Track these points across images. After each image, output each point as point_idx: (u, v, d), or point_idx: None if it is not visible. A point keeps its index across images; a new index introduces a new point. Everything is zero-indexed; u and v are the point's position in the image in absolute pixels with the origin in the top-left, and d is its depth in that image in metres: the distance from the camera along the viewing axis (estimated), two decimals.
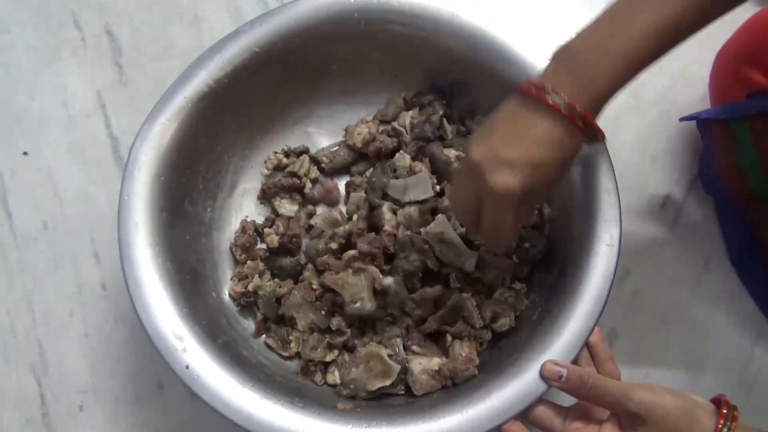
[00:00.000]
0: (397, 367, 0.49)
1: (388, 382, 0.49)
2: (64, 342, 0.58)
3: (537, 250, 0.53)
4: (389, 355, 0.50)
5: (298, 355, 0.53)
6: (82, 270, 0.60)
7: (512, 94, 0.41)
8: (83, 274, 0.60)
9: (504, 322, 0.52)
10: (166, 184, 0.50)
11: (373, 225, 0.55)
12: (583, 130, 0.39)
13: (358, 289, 0.50)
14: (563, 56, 0.40)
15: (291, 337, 0.53)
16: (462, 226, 0.52)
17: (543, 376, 0.43)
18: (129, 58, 0.67)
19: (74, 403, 0.56)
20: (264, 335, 0.54)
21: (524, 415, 0.43)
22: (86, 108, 0.65)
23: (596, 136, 0.40)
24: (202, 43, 0.66)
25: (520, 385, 0.43)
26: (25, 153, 0.64)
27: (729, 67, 0.57)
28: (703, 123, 0.57)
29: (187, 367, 0.44)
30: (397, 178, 0.56)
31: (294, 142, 0.61)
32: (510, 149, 0.38)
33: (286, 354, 0.53)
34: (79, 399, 0.56)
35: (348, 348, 0.53)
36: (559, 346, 0.44)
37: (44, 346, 0.58)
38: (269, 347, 0.54)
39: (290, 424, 0.43)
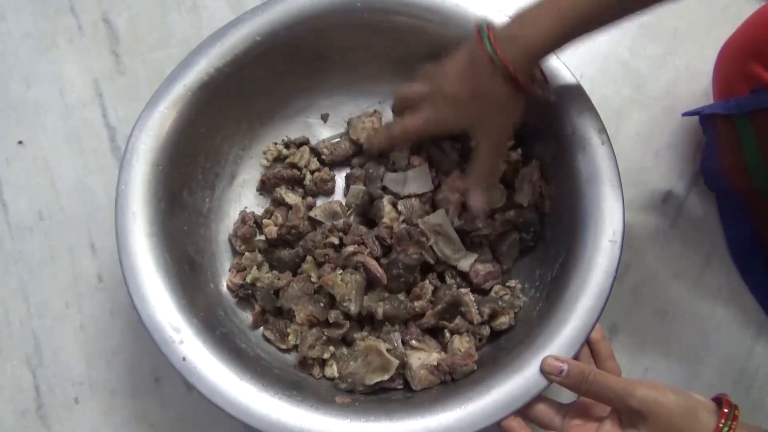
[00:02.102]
0: (396, 362, 0.49)
1: (386, 377, 0.49)
2: (60, 334, 0.57)
3: (532, 235, 0.54)
4: (388, 350, 0.49)
5: (296, 347, 0.53)
6: (78, 261, 0.59)
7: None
8: (79, 265, 0.59)
9: (504, 321, 0.51)
10: (164, 174, 0.50)
11: (370, 219, 0.55)
12: (507, 78, 0.45)
13: (346, 291, 0.50)
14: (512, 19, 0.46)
15: (289, 330, 0.53)
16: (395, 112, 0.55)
17: (543, 371, 0.43)
18: (126, 46, 0.66)
19: (70, 396, 0.56)
20: (261, 327, 0.54)
21: (524, 413, 0.43)
22: (83, 97, 0.64)
23: (520, 86, 0.46)
24: (200, 31, 0.66)
25: (519, 380, 0.43)
26: (20, 142, 0.63)
27: (733, 62, 0.56)
28: (706, 118, 0.57)
29: (184, 359, 0.44)
30: (395, 171, 0.55)
31: (295, 132, 0.60)
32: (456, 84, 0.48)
33: (284, 347, 0.53)
34: (75, 391, 0.56)
35: (346, 342, 0.52)
36: (560, 341, 0.44)
37: (39, 337, 0.57)
38: (267, 340, 0.53)
39: (288, 418, 0.43)
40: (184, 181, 0.53)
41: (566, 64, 0.52)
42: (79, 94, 0.64)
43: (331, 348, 0.51)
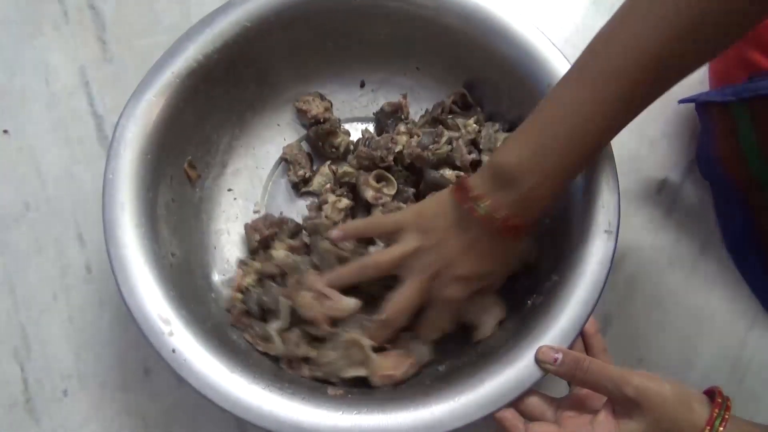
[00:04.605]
0: (375, 359, 0.47)
1: (363, 373, 0.47)
2: (48, 326, 0.57)
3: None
4: (372, 348, 0.48)
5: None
6: (65, 252, 0.58)
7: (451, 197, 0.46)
8: (67, 256, 0.58)
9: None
10: (152, 163, 0.49)
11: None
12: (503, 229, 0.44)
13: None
14: (500, 173, 0.43)
15: (272, 332, 0.49)
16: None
17: (538, 360, 0.43)
18: (113, 33, 0.65)
19: (58, 389, 0.55)
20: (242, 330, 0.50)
21: (516, 407, 0.43)
22: (69, 85, 0.63)
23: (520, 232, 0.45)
24: (189, 18, 0.64)
25: (513, 372, 0.43)
26: (5, 131, 0.62)
27: (731, 48, 0.55)
28: (702, 106, 0.56)
29: (173, 351, 0.43)
30: None
31: (286, 120, 0.59)
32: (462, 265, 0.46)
33: (265, 351, 0.49)
34: (64, 384, 0.55)
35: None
36: (554, 333, 0.44)
37: (27, 330, 0.57)
38: (248, 343, 0.50)
39: (279, 410, 0.42)
40: (174, 170, 0.52)
41: (562, 52, 0.51)
42: (64, 82, 0.63)
43: (317, 344, 0.49)
